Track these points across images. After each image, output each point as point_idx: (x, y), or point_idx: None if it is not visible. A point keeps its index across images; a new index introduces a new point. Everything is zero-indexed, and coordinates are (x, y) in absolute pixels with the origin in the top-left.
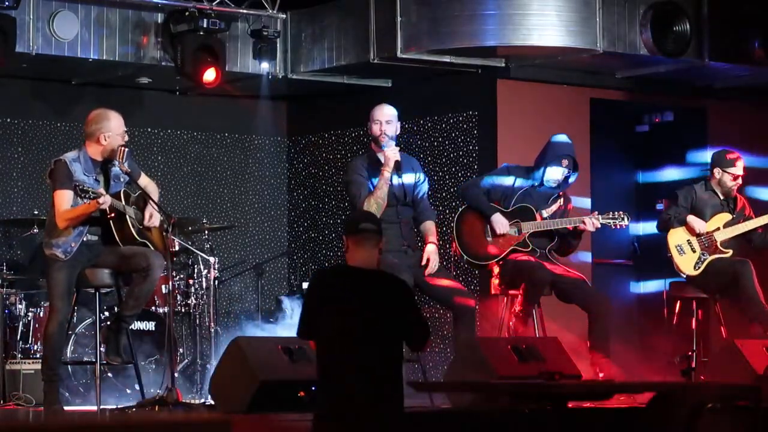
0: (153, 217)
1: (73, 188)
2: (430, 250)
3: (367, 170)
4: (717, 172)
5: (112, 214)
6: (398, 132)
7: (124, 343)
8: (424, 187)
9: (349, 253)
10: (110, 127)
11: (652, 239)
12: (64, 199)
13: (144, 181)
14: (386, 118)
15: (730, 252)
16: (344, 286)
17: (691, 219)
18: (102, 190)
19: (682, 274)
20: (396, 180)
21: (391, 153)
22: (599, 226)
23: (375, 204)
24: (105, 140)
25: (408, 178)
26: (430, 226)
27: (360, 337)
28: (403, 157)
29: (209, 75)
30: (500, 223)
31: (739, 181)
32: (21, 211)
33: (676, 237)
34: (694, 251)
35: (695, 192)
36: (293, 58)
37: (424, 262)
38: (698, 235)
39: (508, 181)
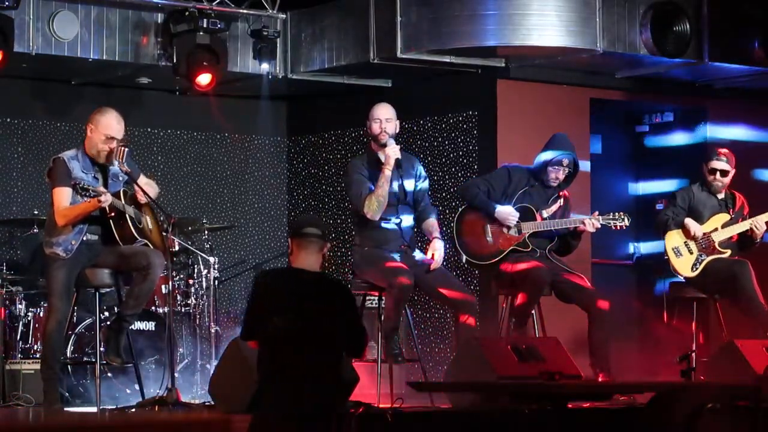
0: (144, 196)
1: (73, 186)
2: (436, 245)
3: (367, 169)
4: (704, 168)
5: (112, 213)
6: (397, 131)
7: (124, 343)
8: (425, 186)
9: (292, 256)
10: (98, 120)
11: (651, 239)
12: (63, 196)
13: (143, 181)
14: (386, 117)
15: (728, 252)
16: (287, 288)
17: (688, 221)
18: (102, 188)
19: (680, 276)
20: (395, 179)
21: (391, 151)
22: (599, 226)
23: (376, 202)
24: (90, 132)
25: (408, 177)
26: (432, 222)
27: (301, 338)
28: (403, 155)
29: (203, 79)
30: (507, 213)
31: (718, 175)
32: (21, 211)
33: (673, 239)
34: (692, 253)
35: (693, 193)
36: (293, 58)
37: (429, 255)
38: (695, 238)
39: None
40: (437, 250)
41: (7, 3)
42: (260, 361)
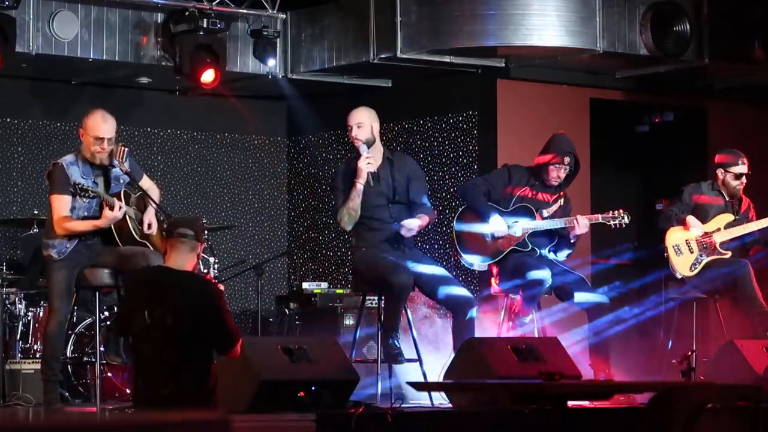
0: (152, 226)
1: (72, 186)
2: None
3: (352, 174)
4: (720, 173)
5: None
6: (376, 133)
7: (123, 343)
8: (420, 186)
9: (165, 255)
10: (86, 123)
11: (651, 239)
12: (62, 204)
13: (146, 183)
14: (356, 122)
15: (729, 254)
16: (152, 286)
17: (690, 220)
18: (115, 200)
19: (678, 275)
20: (385, 179)
21: (363, 164)
22: (588, 225)
23: (347, 215)
24: (82, 136)
25: (399, 177)
26: (423, 212)
27: (164, 335)
28: (396, 156)
29: (207, 76)
30: (498, 226)
31: (744, 179)
32: (21, 211)
33: (674, 237)
34: (692, 252)
35: (701, 191)
36: (293, 58)
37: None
38: (695, 236)
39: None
40: (412, 220)
41: (7, 3)
42: (131, 354)
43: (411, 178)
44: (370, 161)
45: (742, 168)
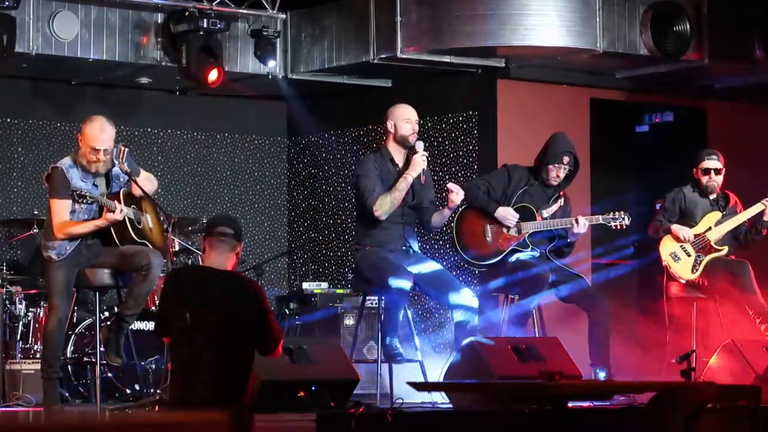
0: (134, 191)
1: (72, 193)
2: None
3: (380, 168)
4: (694, 172)
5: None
6: None
7: (124, 343)
8: (433, 194)
9: (204, 254)
10: (84, 131)
11: (651, 239)
12: (62, 208)
13: (143, 175)
14: (416, 118)
15: (726, 249)
16: (194, 286)
17: (675, 228)
18: (116, 203)
19: (681, 280)
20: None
21: (420, 160)
22: (588, 225)
23: (389, 203)
24: (80, 141)
25: (417, 181)
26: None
27: (205, 336)
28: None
29: (213, 75)
30: (507, 215)
31: (713, 174)
32: (21, 211)
33: (668, 245)
34: (689, 255)
35: (683, 194)
36: (293, 58)
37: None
38: (687, 241)
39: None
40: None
41: (7, 3)
42: (170, 355)
43: (426, 185)
44: (425, 158)
45: (709, 163)
